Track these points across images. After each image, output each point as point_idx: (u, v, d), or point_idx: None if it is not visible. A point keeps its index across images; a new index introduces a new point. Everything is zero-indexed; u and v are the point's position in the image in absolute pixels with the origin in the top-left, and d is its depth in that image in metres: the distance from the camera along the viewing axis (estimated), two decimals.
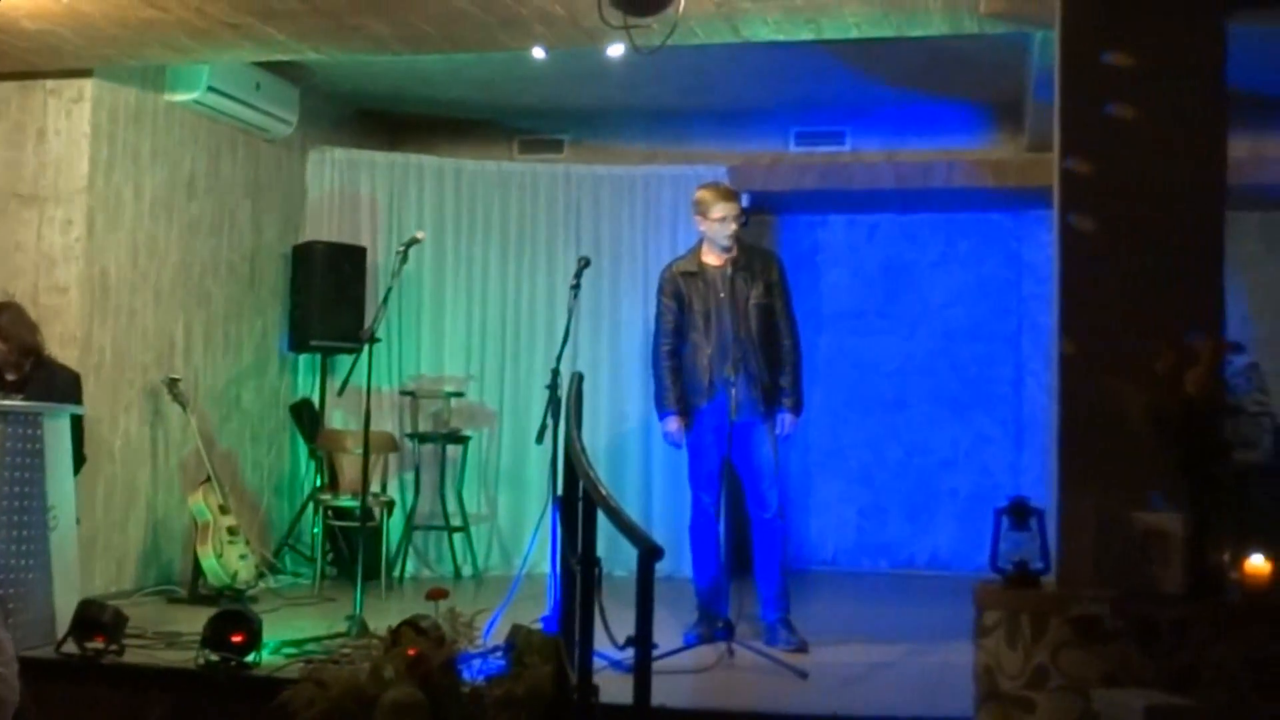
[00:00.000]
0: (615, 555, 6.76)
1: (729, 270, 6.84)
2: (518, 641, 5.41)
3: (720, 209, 6.84)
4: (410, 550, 9.39)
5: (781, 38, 6.82)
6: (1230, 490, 4.91)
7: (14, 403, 6.38)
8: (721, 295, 6.82)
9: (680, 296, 6.92)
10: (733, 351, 6.74)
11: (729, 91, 9.36)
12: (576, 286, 6.98)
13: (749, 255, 6.95)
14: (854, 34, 6.74)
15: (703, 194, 7.00)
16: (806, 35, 6.78)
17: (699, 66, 8.50)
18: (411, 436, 9.47)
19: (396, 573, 9.10)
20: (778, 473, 6.92)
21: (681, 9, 5.77)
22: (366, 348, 7.06)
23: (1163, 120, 5.24)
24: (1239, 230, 6.18)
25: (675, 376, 6.91)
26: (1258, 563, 4.88)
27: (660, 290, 7.04)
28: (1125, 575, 4.90)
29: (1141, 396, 4.86)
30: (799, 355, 6.95)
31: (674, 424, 6.91)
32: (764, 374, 6.80)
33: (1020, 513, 5.20)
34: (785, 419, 6.84)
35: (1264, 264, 9.85)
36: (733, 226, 6.83)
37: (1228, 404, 4.99)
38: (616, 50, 6.94)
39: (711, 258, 6.91)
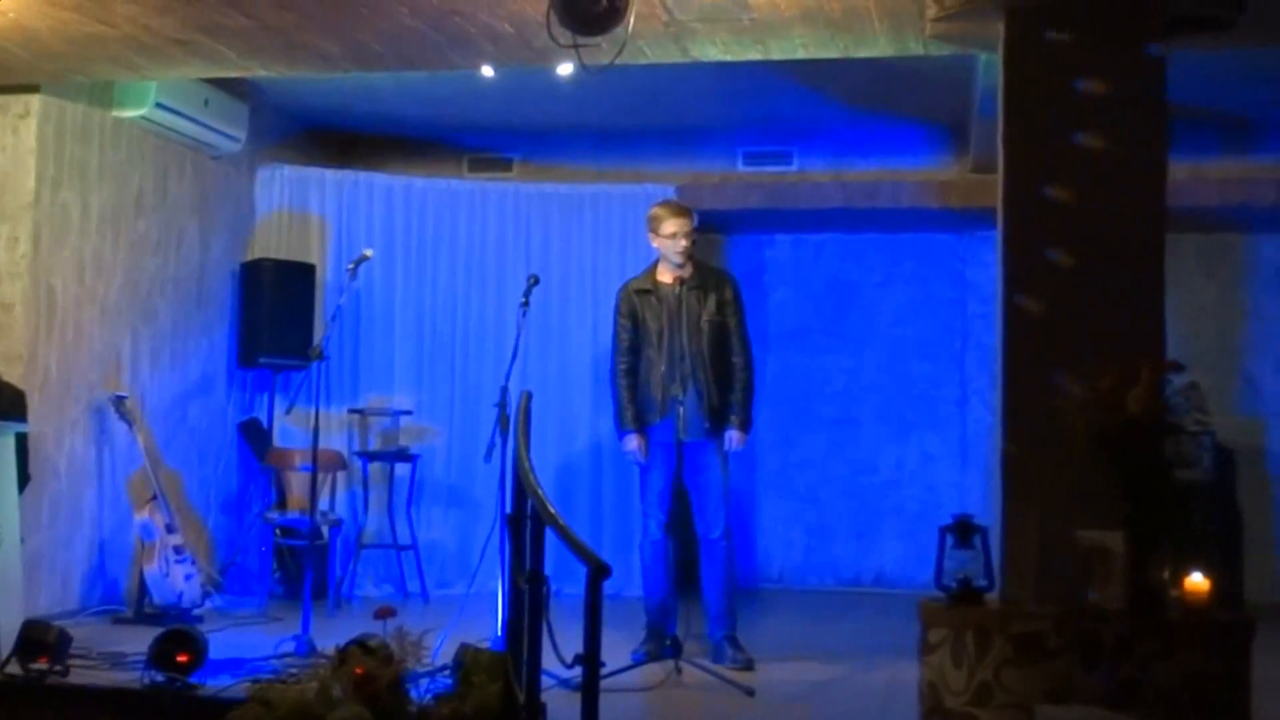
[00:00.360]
0: (564, 574, 6.76)
1: (683, 288, 6.88)
2: (465, 660, 5.41)
3: (671, 225, 6.88)
4: (358, 569, 9.36)
5: (729, 58, 6.87)
6: (1171, 508, 4.98)
7: None
8: (675, 313, 6.86)
9: (635, 314, 6.96)
10: (682, 369, 6.78)
11: (677, 111, 9.41)
12: (525, 304, 6.99)
13: (703, 274, 7.00)
14: (801, 54, 6.80)
15: (656, 210, 7.05)
16: (754, 55, 6.83)
17: (648, 86, 8.54)
18: (360, 454, 9.45)
19: (344, 591, 9.07)
20: (727, 493, 6.95)
21: (630, 28, 5.80)
22: (315, 365, 7.05)
23: (1104, 142, 5.32)
24: (1178, 252, 6.26)
25: (632, 395, 6.95)
26: (1197, 580, 4.95)
27: (616, 309, 7.08)
28: (1068, 593, 4.95)
29: (1084, 416, 4.93)
30: (750, 374, 6.98)
31: (634, 442, 6.94)
32: (713, 393, 6.83)
33: (965, 531, 5.26)
34: (732, 436, 6.87)
35: (1202, 285, 9.97)
36: (683, 243, 6.87)
37: (1168, 423, 5.06)
38: (566, 69, 6.96)
39: (666, 275, 6.95)
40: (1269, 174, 9.27)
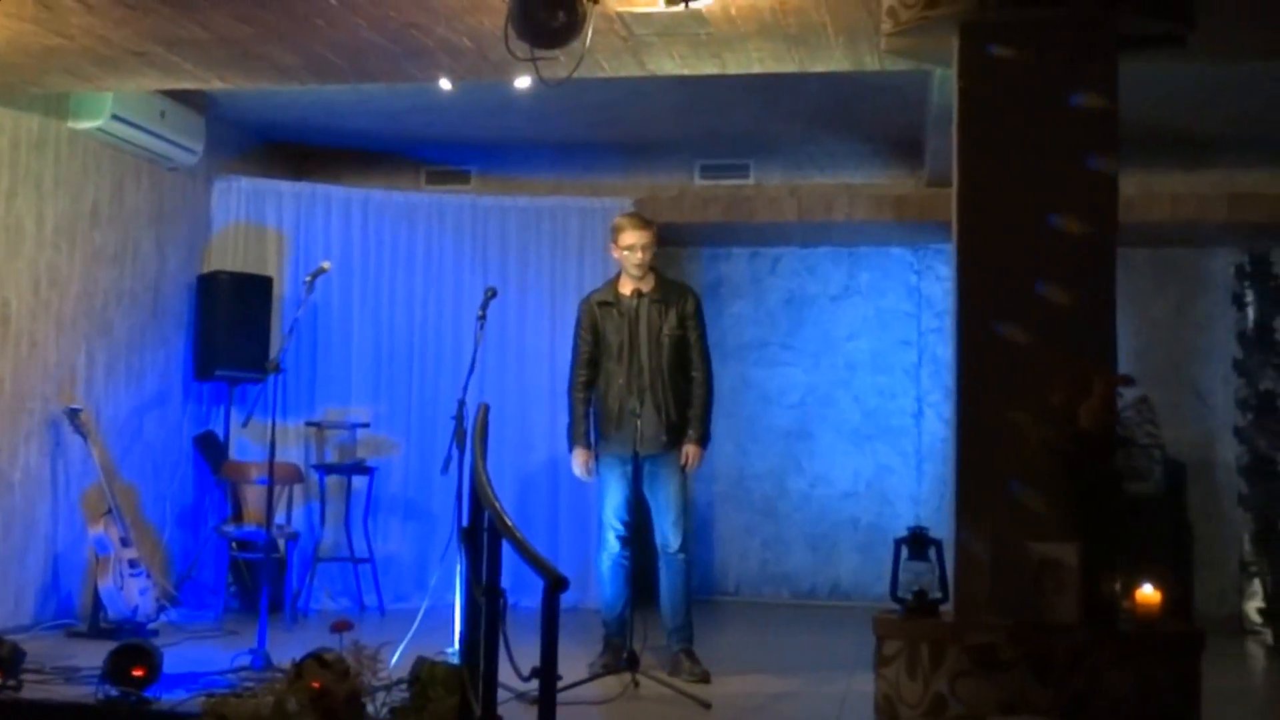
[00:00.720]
0: (521, 586, 6.78)
1: (644, 301, 6.90)
2: (422, 673, 5.41)
3: (629, 237, 6.92)
4: (315, 582, 9.33)
5: (687, 72, 6.90)
6: (1122, 521, 5.02)
7: None
8: (635, 326, 6.89)
9: (596, 327, 6.99)
10: (640, 383, 6.80)
11: (635, 124, 9.44)
12: (483, 317, 7.00)
13: (665, 288, 7.03)
14: (757, 69, 6.83)
15: (618, 220, 7.12)
16: (711, 69, 6.86)
17: (606, 99, 8.57)
18: (317, 468, 9.43)
19: (301, 605, 9.03)
20: (685, 507, 6.97)
21: (588, 42, 5.82)
22: (272, 378, 7.04)
23: (1057, 157, 5.37)
24: (1130, 267, 6.33)
25: (586, 409, 6.98)
26: (1148, 592, 5.00)
27: (578, 320, 7.11)
28: (1021, 605, 4.98)
29: (1037, 429, 4.96)
30: (708, 391, 7.00)
31: (581, 458, 6.97)
32: (671, 408, 6.85)
33: (919, 543, 5.30)
34: (689, 452, 6.89)
35: (1153, 299, 10.07)
36: (639, 255, 6.90)
37: (1119, 437, 5.11)
38: (523, 82, 6.98)
39: (627, 288, 6.97)
40: (1219, 189, 9.37)
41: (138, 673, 5.72)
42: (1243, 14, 5.91)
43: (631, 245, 6.92)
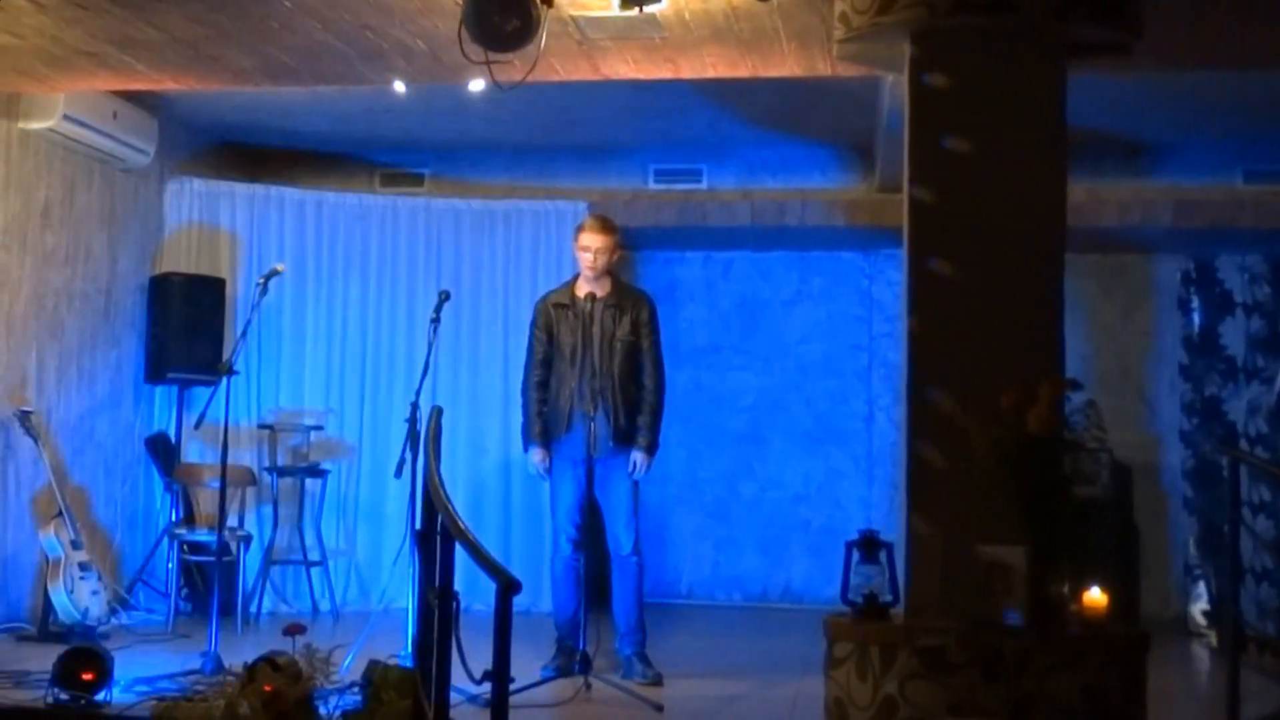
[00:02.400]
0: (474, 589, 6.77)
1: (599, 305, 6.92)
2: (374, 677, 5.41)
3: (585, 238, 6.95)
4: (267, 585, 9.30)
5: (641, 76, 6.93)
6: (1070, 524, 5.07)
7: None
8: (589, 329, 6.90)
9: (550, 328, 7.01)
10: (593, 386, 6.82)
11: (590, 128, 9.46)
12: (436, 320, 7.01)
13: (621, 293, 7.05)
14: (711, 74, 6.87)
15: (584, 220, 7.17)
16: (665, 74, 6.89)
17: (560, 103, 8.59)
18: (270, 470, 9.40)
19: (253, 608, 9.01)
20: (636, 511, 6.99)
21: (542, 46, 5.83)
22: (224, 380, 7.01)
23: (1006, 163, 5.42)
24: (1078, 271, 6.39)
25: (540, 408, 7.00)
26: (1095, 595, 5.05)
27: (533, 321, 7.13)
28: (970, 607, 5.03)
29: (985, 433, 5.00)
30: (659, 398, 7.02)
31: (538, 455, 7.00)
32: (621, 412, 6.87)
33: (870, 546, 5.33)
34: (637, 460, 6.91)
35: (1101, 305, 10.16)
36: (593, 258, 6.91)
37: (1067, 440, 5.16)
38: (478, 85, 6.99)
39: (583, 291, 6.99)
40: (1166, 196, 9.47)
41: (88, 677, 5.68)
42: (1188, 22, 5.99)
43: (588, 247, 6.94)
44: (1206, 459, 9.54)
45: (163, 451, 9.27)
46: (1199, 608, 9.16)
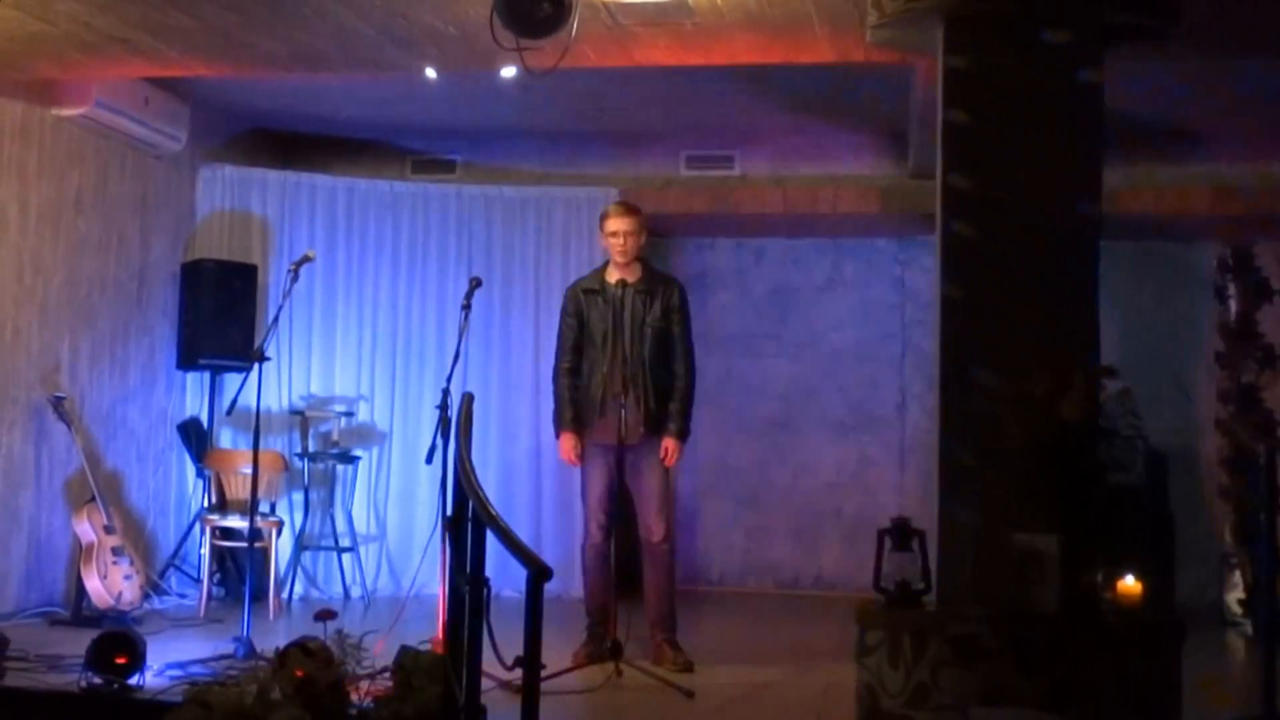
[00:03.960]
0: (505, 576, 6.78)
1: (629, 291, 6.90)
2: (406, 662, 5.41)
3: (613, 223, 6.93)
4: (299, 571, 9.33)
5: (673, 62, 6.90)
6: (1104, 512, 5.05)
7: None
8: (620, 315, 6.88)
9: (581, 314, 6.99)
10: (624, 372, 6.80)
11: (621, 114, 9.43)
12: (468, 307, 7.00)
13: (651, 279, 7.03)
14: (743, 59, 6.84)
15: (607, 207, 7.13)
16: (697, 60, 6.87)
17: (591, 89, 8.57)
18: (301, 456, 9.42)
19: (285, 593, 9.04)
20: (668, 498, 6.97)
21: (574, 32, 5.82)
22: (256, 366, 7.03)
23: (1041, 150, 5.39)
24: (1113, 258, 6.33)
25: (572, 395, 6.98)
26: (1130, 583, 5.03)
27: (563, 307, 7.12)
28: (1003, 595, 5.01)
29: (1019, 421, 4.98)
30: (690, 384, 7.00)
31: (568, 443, 6.97)
32: (652, 399, 6.86)
33: (902, 534, 5.32)
34: (668, 446, 6.89)
35: (1136, 292, 10.09)
36: (623, 241, 6.89)
37: (1101, 428, 5.13)
38: (509, 72, 6.97)
39: (613, 277, 6.97)
40: (1202, 183, 9.40)
41: (121, 661, 5.71)
42: (1225, 8, 5.93)
43: (615, 231, 6.92)
44: (1242, 447, 9.45)
45: (195, 437, 9.31)
46: (1235, 596, 9.09)
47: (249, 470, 7.32)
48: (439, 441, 6.80)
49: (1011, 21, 5.43)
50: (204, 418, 9.32)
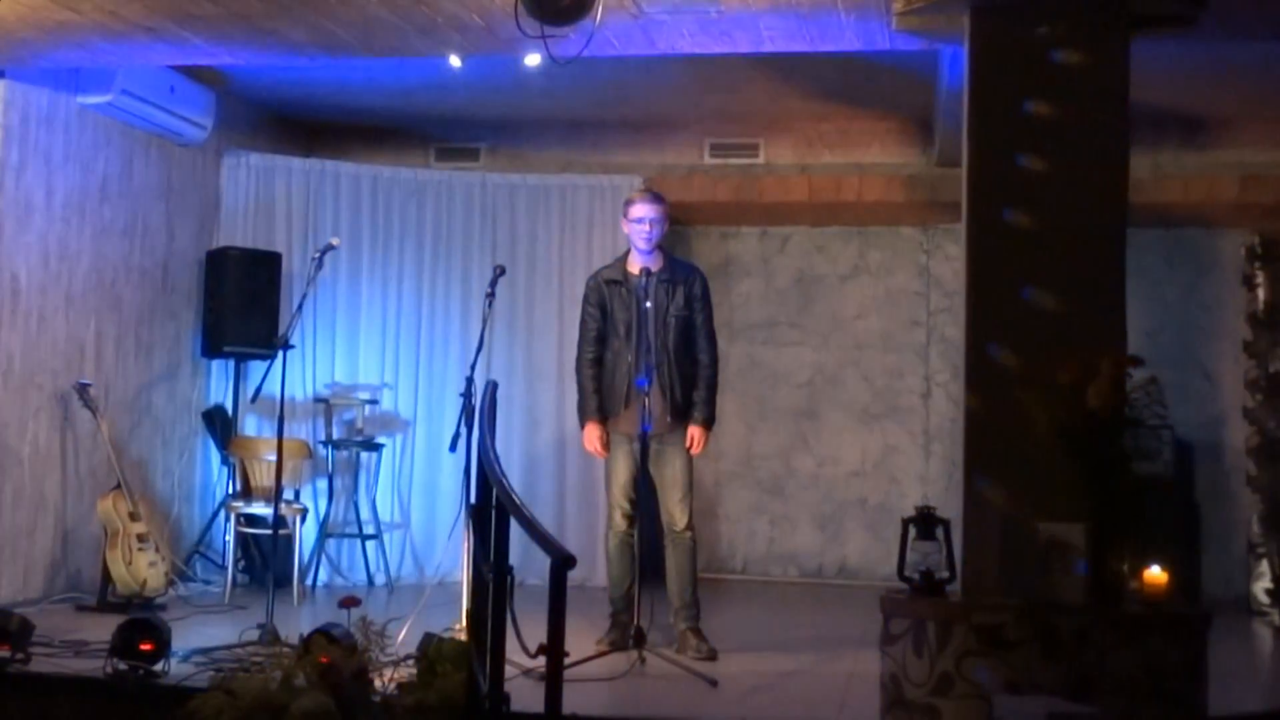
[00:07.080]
0: (528, 563, 6.78)
1: (652, 280, 6.88)
2: (429, 650, 5.42)
3: (638, 210, 6.90)
4: (323, 558, 9.36)
5: (698, 50, 6.88)
6: (1130, 502, 5.02)
7: None
8: (643, 304, 6.87)
9: (604, 304, 6.97)
10: (648, 361, 6.79)
11: (645, 102, 9.42)
12: (491, 295, 7.01)
13: (674, 267, 7.01)
14: (768, 48, 6.82)
15: (631, 195, 7.11)
16: (721, 48, 6.85)
17: (616, 77, 8.56)
18: (325, 443, 9.44)
19: (309, 580, 9.06)
20: (690, 486, 6.95)
21: (598, 20, 5.81)
22: (281, 354, 7.04)
23: (1068, 137, 5.36)
24: (1140, 247, 6.32)
25: (596, 385, 6.97)
26: (1155, 573, 5.00)
27: (585, 297, 7.09)
28: (1028, 584, 4.99)
29: (1045, 409, 4.96)
30: (714, 372, 6.98)
31: (593, 433, 6.96)
32: (677, 387, 6.84)
33: (927, 522, 5.29)
34: (694, 435, 6.88)
35: (1164, 280, 10.04)
36: (647, 229, 6.87)
37: (1128, 417, 5.10)
38: (533, 60, 6.97)
39: (635, 266, 6.96)
40: (1230, 171, 9.34)
41: (146, 647, 5.72)
42: None
43: (641, 218, 6.90)
44: (1270, 436, 9.40)
45: (219, 424, 9.33)
46: (1262, 586, 9.04)
47: (273, 457, 7.34)
48: (463, 429, 6.81)
49: (1038, 8, 5.40)
50: (228, 405, 9.35)
